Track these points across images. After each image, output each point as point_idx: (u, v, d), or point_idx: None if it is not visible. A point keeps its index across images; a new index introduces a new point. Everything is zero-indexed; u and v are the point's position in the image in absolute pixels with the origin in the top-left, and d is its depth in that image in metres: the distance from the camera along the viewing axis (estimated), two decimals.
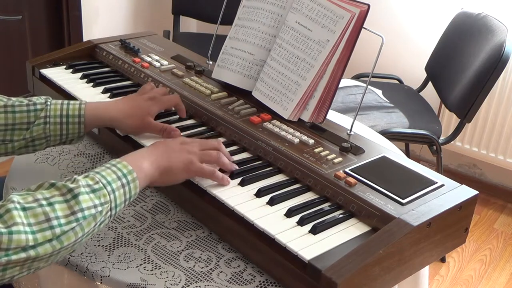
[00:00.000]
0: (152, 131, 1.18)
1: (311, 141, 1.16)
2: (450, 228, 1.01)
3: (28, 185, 1.17)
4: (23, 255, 0.80)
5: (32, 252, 0.81)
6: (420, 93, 2.60)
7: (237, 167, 1.09)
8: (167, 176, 1.01)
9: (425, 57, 2.56)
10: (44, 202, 0.84)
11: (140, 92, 1.24)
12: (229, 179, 1.06)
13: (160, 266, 0.99)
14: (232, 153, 1.15)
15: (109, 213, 0.90)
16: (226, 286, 0.96)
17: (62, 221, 0.83)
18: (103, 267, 0.98)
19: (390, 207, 0.97)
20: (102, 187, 0.89)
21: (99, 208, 0.88)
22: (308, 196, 1.05)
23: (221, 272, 0.98)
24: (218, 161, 1.07)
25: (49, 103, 1.12)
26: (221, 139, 1.20)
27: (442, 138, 2.30)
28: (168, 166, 1.00)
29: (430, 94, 2.55)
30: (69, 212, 0.85)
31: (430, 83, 2.55)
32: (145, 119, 1.17)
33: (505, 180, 2.84)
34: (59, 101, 1.14)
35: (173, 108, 1.27)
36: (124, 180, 0.92)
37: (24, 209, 0.82)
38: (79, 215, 0.85)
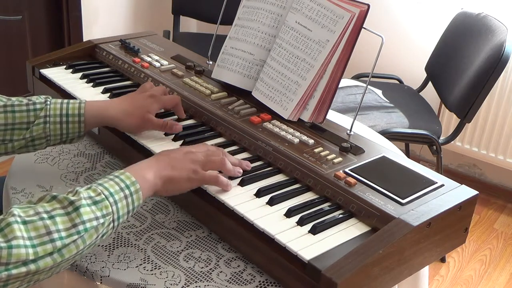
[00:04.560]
0: (153, 128, 1.18)
1: (311, 141, 1.16)
2: (450, 228, 1.01)
3: (28, 185, 1.17)
4: (23, 269, 0.79)
5: (32, 266, 0.80)
6: (420, 93, 2.60)
7: (241, 171, 1.07)
8: (171, 185, 1.00)
9: (425, 57, 2.56)
10: (45, 215, 0.83)
11: (140, 90, 1.23)
12: (231, 184, 1.04)
13: (160, 266, 0.99)
14: (232, 153, 1.15)
15: (112, 224, 0.90)
16: (226, 286, 0.96)
17: (63, 234, 0.83)
18: (103, 267, 0.98)
19: (390, 207, 0.97)
20: (104, 199, 0.88)
21: (101, 220, 0.87)
22: (308, 196, 1.05)
23: (221, 272, 0.98)
24: (222, 168, 1.05)
25: (48, 102, 1.12)
26: (221, 139, 1.21)
27: (442, 138, 2.30)
28: (171, 175, 0.99)
29: (430, 94, 2.54)
30: (70, 224, 0.84)
31: (430, 83, 2.55)
32: (145, 117, 1.16)
33: (505, 180, 2.83)
34: (59, 100, 1.13)
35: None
36: (127, 191, 0.91)
37: (24, 222, 0.81)
38: (80, 227, 0.84)
